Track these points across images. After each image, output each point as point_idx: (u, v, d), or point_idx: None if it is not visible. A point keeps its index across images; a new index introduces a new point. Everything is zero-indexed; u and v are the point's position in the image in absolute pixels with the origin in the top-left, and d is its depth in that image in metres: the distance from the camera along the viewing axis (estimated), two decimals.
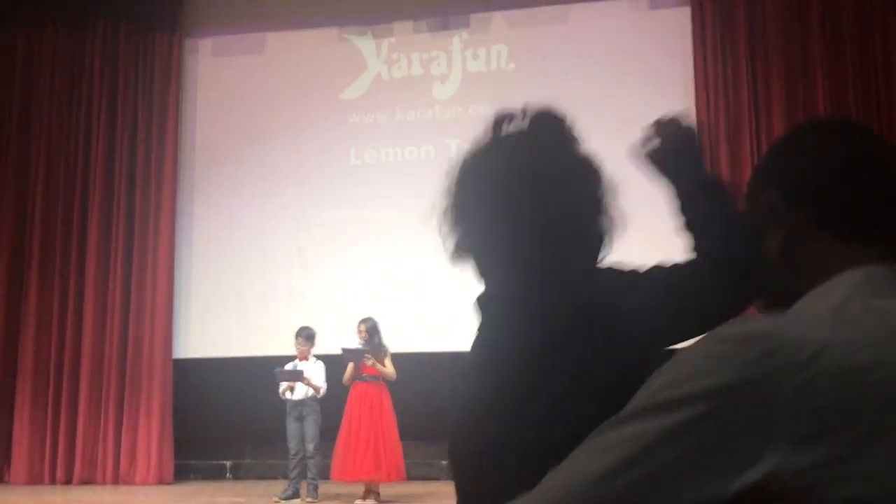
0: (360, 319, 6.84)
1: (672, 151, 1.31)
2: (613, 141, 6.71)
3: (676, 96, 8.04)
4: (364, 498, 6.49)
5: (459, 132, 8.25)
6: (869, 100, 7.65)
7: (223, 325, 8.52)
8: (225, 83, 8.96)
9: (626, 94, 8.08)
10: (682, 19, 8.12)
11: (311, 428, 6.79)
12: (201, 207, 8.83)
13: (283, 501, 6.73)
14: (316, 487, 6.76)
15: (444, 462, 8.46)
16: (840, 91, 7.68)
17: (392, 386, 6.78)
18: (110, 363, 8.57)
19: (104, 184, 8.86)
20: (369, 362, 6.61)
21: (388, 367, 6.58)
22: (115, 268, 8.71)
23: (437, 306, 8.07)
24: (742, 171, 7.68)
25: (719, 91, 7.83)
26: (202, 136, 8.94)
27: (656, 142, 1.33)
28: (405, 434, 7.03)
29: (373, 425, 6.38)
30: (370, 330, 6.70)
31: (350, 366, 6.75)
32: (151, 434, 8.40)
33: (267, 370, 7.29)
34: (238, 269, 8.57)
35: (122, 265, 8.69)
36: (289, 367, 7.00)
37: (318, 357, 7.18)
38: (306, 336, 7.10)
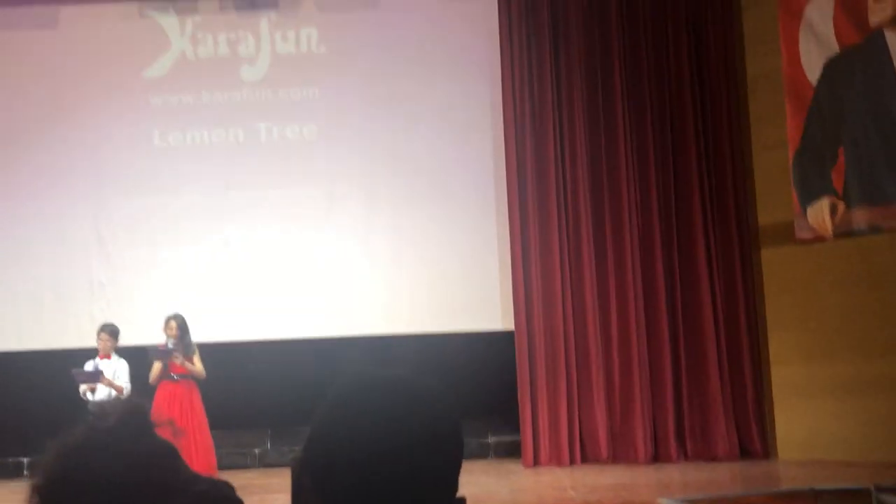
0: (168, 315, 6.64)
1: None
2: (418, 126, 6.95)
3: (483, 83, 8.26)
4: None
5: (269, 115, 8.30)
6: (662, 89, 8.08)
7: (17, 316, 8.09)
8: (14, 59, 8.41)
9: (435, 81, 8.22)
10: (489, 6, 8.26)
11: None
12: None
13: None
14: None
15: (257, 450, 8.44)
16: (636, 82, 8.07)
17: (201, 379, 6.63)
18: None
19: None
20: (178, 361, 6.45)
21: (198, 366, 6.46)
22: None
23: (240, 295, 8.03)
24: (546, 162, 7.99)
25: (524, 77, 8.04)
26: None
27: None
28: (215, 423, 6.92)
29: (183, 425, 6.24)
30: (181, 327, 6.52)
31: (157, 365, 6.56)
32: None
33: (66, 363, 6.96)
34: (32, 259, 8.13)
35: None
36: (88, 365, 6.69)
37: (123, 350, 6.89)
38: (110, 332, 6.83)
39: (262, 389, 8.24)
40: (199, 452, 6.28)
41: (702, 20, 8.10)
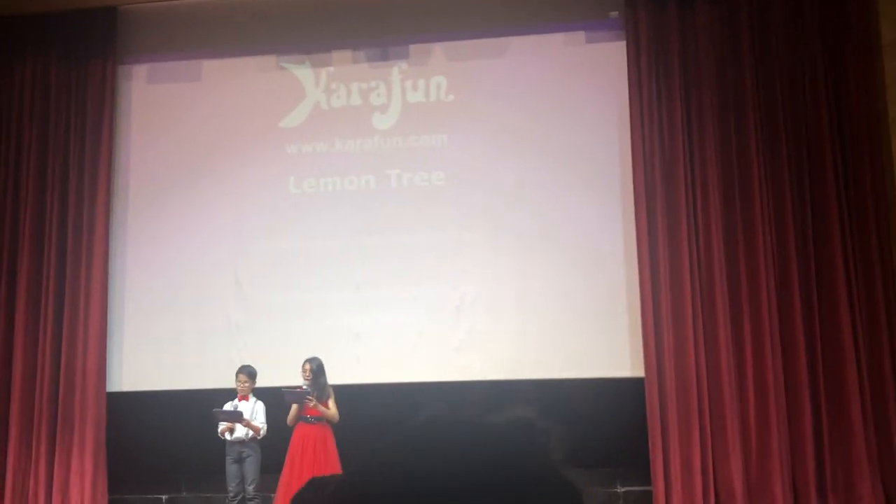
0: (305, 359, 6.78)
1: None
2: (545, 173, 6.97)
3: (612, 129, 8.21)
4: None
5: (399, 162, 8.46)
6: (798, 135, 7.87)
7: (158, 358, 8.41)
8: (160, 111, 8.85)
9: (562, 127, 8.24)
10: (618, 53, 8.24)
11: (251, 469, 6.71)
12: (135, 238, 8.69)
13: None
14: None
15: None
16: (771, 126, 7.89)
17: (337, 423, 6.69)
18: (41, 398, 8.36)
19: (35, 214, 8.69)
20: (311, 404, 6.56)
21: (332, 409, 6.55)
22: (47, 302, 8.50)
23: (369, 338, 8.16)
24: (677, 206, 7.86)
25: (654, 125, 7.96)
26: (136, 165, 8.81)
27: None
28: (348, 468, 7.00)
29: (315, 467, 6.33)
30: (315, 370, 6.67)
31: (294, 407, 6.69)
32: (85, 469, 8.21)
33: (204, 403, 7.17)
34: (174, 302, 8.47)
35: (54, 298, 8.50)
36: (228, 406, 6.89)
37: (259, 391, 7.07)
38: (248, 373, 7.02)
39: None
40: None
41: (840, 59, 7.86)
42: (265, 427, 6.79)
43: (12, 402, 8.38)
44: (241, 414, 6.76)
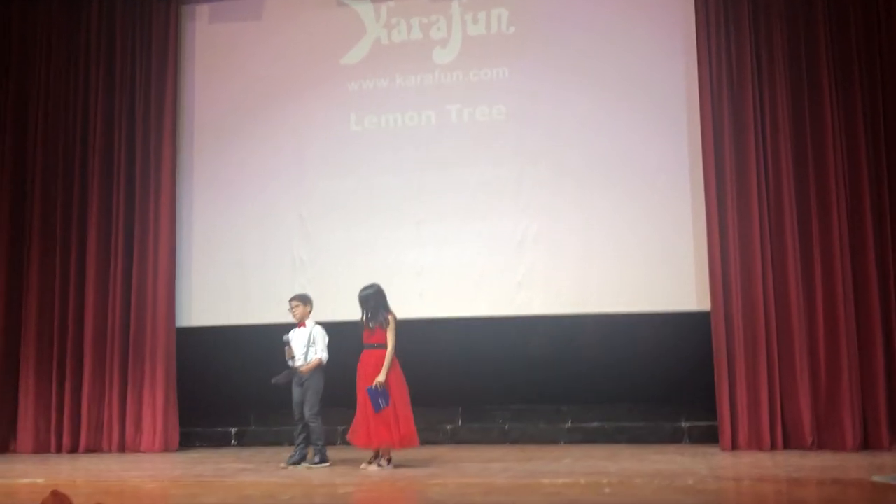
0: (361, 287, 6.70)
1: None
2: (608, 105, 6.77)
3: (678, 60, 7.99)
4: (370, 462, 6.50)
5: (460, 97, 8.40)
6: (872, 62, 7.58)
7: (226, 293, 8.56)
8: (222, 50, 8.91)
9: (626, 58, 8.07)
10: None
11: (311, 395, 6.77)
12: (201, 176, 8.80)
13: (289, 466, 6.73)
14: (319, 452, 6.76)
15: (449, 426, 8.53)
16: (844, 53, 7.62)
17: (399, 353, 6.60)
18: (113, 332, 8.59)
19: (103, 154, 8.86)
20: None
21: (389, 338, 6.46)
22: (117, 237, 8.71)
23: (432, 273, 8.20)
24: (745, 135, 7.64)
25: (722, 56, 7.74)
26: (200, 104, 8.89)
27: None
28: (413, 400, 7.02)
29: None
30: (364, 298, 6.52)
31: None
32: (156, 402, 8.43)
33: (270, 337, 7.25)
34: (239, 239, 8.60)
35: (124, 234, 8.70)
36: (289, 336, 6.93)
37: (322, 324, 7.08)
38: (298, 298, 7.02)
39: (453, 367, 8.38)
40: (401, 420, 6.38)
41: None
42: (326, 355, 6.83)
43: (85, 336, 8.62)
44: (287, 342, 6.84)
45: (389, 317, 6.47)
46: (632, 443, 8.12)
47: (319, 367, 6.85)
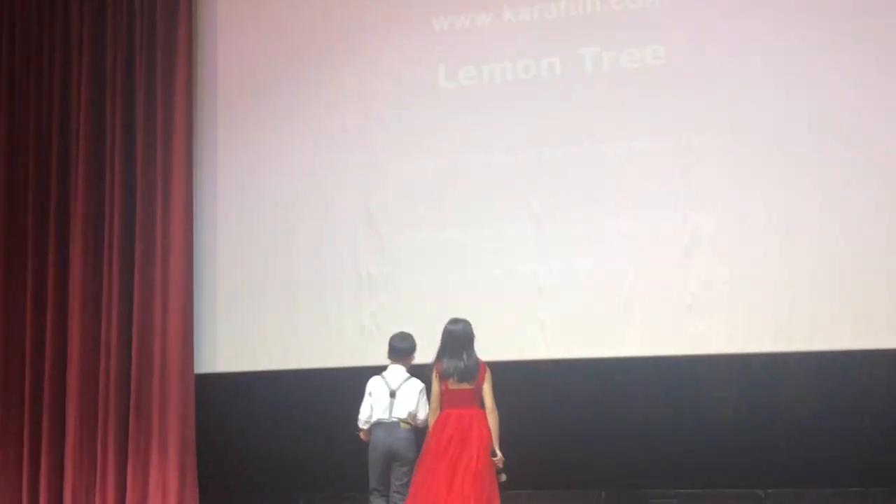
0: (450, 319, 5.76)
1: None
2: (820, 43, 5.30)
3: None
4: None
5: (598, 36, 7.00)
6: None
7: (263, 326, 7.40)
8: None
9: None
10: None
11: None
12: (226, 163, 7.58)
13: None
14: None
15: None
16: None
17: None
18: (107, 381, 7.39)
19: (91, 137, 7.59)
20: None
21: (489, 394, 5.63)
22: (111, 246, 7.46)
23: (571, 294, 6.85)
24: None
25: None
26: (226, 59, 7.58)
27: None
28: None
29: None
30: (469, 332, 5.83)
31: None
32: (168, 481, 7.18)
33: (327, 387, 6.66)
34: (281, 246, 7.37)
35: (120, 242, 7.44)
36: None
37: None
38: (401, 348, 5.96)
39: (589, 431, 7.10)
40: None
41: None
42: (426, 412, 5.75)
43: (69, 387, 7.46)
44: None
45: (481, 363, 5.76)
46: None
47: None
